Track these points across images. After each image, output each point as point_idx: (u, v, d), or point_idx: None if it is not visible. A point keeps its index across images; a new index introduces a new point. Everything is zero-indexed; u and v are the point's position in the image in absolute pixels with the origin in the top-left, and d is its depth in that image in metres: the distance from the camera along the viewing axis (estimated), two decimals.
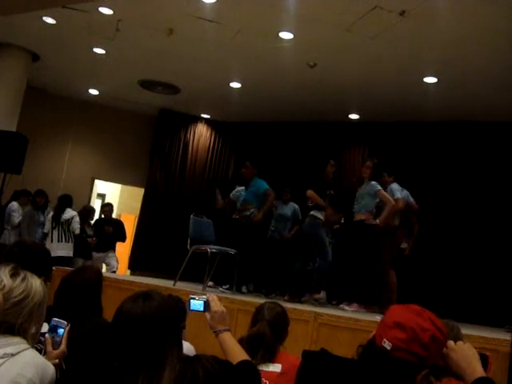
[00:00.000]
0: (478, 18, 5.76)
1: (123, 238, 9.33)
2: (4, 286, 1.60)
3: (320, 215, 6.63)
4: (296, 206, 8.58)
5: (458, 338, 2.56)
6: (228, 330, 2.25)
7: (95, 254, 8.88)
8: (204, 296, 2.33)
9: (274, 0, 5.99)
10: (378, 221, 6.21)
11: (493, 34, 6.04)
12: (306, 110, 9.46)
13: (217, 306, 2.29)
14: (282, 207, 8.59)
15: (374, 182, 6.38)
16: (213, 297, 2.33)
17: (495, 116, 8.21)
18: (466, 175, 8.56)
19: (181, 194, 10.72)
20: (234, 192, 8.07)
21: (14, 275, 1.65)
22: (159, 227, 10.47)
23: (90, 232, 8.81)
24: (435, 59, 6.95)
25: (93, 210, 9.29)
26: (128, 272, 10.67)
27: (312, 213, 6.68)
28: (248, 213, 7.02)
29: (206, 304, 2.30)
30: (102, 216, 9.53)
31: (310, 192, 6.68)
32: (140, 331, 1.59)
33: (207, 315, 2.29)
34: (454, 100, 7.98)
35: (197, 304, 2.33)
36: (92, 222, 9.20)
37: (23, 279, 1.65)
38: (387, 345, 1.53)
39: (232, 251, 6.56)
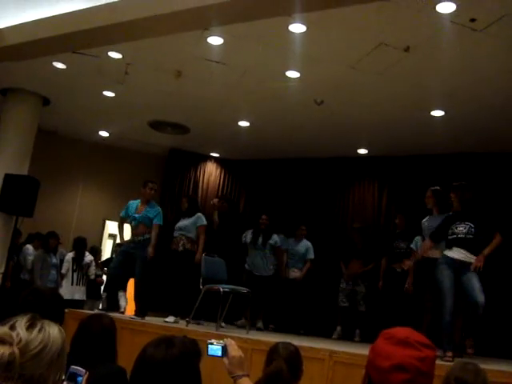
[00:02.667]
0: (482, 51, 5.81)
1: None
2: (20, 339, 1.59)
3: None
4: (309, 244, 8.64)
5: (486, 381, 2.51)
6: (247, 376, 2.24)
7: (104, 294, 8.93)
8: (222, 341, 2.33)
9: (279, 40, 6.08)
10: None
11: (497, 66, 6.08)
12: (314, 146, 9.50)
13: (235, 350, 2.28)
14: (295, 244, 8.64)
15: None
16: (231, 341, 2.32)
17: (504, 146, 8.23)
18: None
19: None
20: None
21: (30, 326, 1.64)
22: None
23: (97, 272, 8.89)
24: (441, 92, 6.99)
25: (99, 250, 9.39)
26: None
27: None
28: (142, 238, 7.01)
29: (224, 349, 2.30)
30: (113, 256, 9.57)
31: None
32: (161, 377, 1.59)
33: (225, 360, 2.28)
34: (462, 132, 7.98)
35: (215, 349, 2.33)
36: (100, 261, 9.30)
37: (40, 330, 1.64)
38: None
39: (244, 290, 6.54)
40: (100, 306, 8.91)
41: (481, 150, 8.48)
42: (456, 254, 5.30)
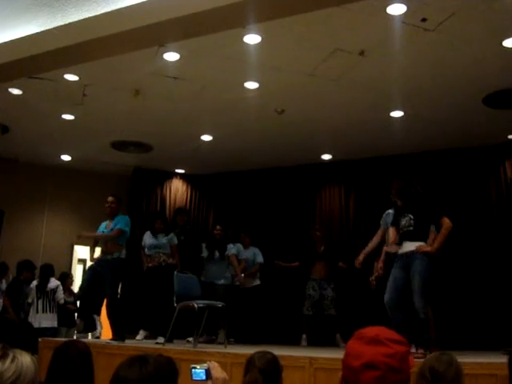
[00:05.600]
0: (436, 50, 5.93)
1: None
2: None
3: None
4: (256, 249, 8.65)
5: (459, 372, 2.53)
6: None
7: (78, 320, 8.77)
8: (205, 364, 2.33)
9: (235, 52, 6.09)
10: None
11: (451, 64, 6.21)
12: (278, 155, 9.53)
13: (218, 372, 2.28)
14: (244, 252, 8.62)
15: None
16: (214, 364, 2.32)
17: (462, 143, 8.45)
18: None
19: None
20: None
21: (2, 357, 1.61)
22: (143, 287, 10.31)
23: (69, 299, 8.72)
24: (399, 93, 7.09)
25: (70, 276, 9.22)
26: None
27: None
28: (111, 256, 6.80)
29: (208, 372, 2.29)
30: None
31: None
32: None
33: (209, 383, 2.27)
34: (422, 130, 8.10)
35: (198, 373, 2.32)
36: (71, 287, 9.13)
37: (12, 360, 1.62)
38: None
39: (219, 304, 6.50)
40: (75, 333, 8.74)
41: (443, 146, 8.63)
42: (404, 248, 5.34)
